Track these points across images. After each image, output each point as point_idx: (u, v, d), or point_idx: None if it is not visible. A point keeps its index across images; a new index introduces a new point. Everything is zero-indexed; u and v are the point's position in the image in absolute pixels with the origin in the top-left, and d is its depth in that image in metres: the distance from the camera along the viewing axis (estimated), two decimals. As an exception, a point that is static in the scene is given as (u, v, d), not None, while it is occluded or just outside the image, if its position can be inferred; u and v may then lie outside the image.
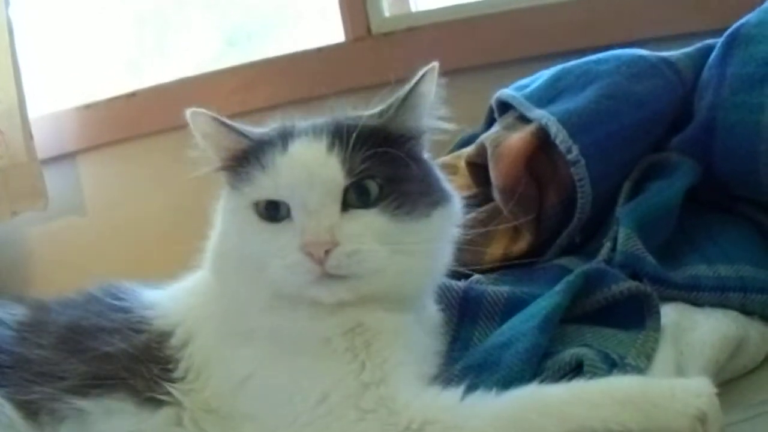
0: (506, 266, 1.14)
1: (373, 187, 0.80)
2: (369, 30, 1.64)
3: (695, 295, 0.96)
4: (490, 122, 1.34)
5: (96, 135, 1.73)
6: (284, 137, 0.83)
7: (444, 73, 1.57)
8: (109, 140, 1.73)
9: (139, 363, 0.83)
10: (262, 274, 0.81)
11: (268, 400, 0.80)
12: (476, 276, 1.06)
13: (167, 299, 0.91)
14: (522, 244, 1.15)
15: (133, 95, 1.74)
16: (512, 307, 0.97)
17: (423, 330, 0.88)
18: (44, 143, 1.68)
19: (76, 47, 1.90)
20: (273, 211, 0.81)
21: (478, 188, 1.23)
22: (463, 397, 0.76)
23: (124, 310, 0.89)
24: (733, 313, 0.94)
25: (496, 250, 1.15)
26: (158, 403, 0.82)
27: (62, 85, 1.85)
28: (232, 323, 0.85)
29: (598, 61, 1.17)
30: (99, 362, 0.83)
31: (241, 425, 0.81)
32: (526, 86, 1.22)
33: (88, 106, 1.75)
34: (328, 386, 0.77)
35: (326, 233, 0.77)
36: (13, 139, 1.64)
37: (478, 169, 1.22)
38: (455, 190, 0.90)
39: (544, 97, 1.16)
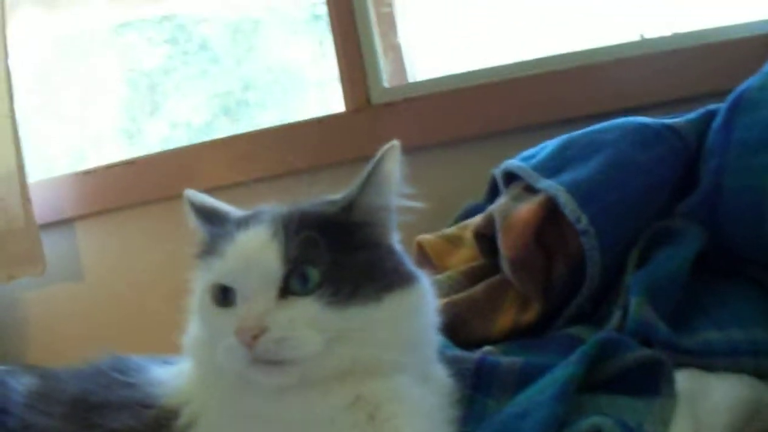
0: (515, 336, 1.14)
1: (313, 274, 0.80)
2: (369, 100, 1.66)
3: (708, 360, 0.96)
4: (492, 193, 1.35)
5: (94, 201, 1.73)
6: (239, 225, 0.85)
7: (443, 143, 1.61)
8: (107, 207, 1.73)
9: None
10: (213, 356, 0.81)
11: None
12: (487, 347, 1.06)
13: (174, 377, 0.90)
14: (531, 314, 1.14)
15: (132, 163, 1.74)
16: (526, 377, 0.96)
17: (433, 395, 0.87)
18: (42, 208, 1.68)
19: (75, 112, 1.91)
20: (223, 296, 0.82)
21: (485, 259, 1.23)
22: None
23: (131, 387, 0.88)
24: (747, 377, 0.94)
25: (505, 321, 1.15)
26: None
27: (61, 151, 1.85)
28: (230, 407, 0.84)
29: (602, 131, 1.19)
30: None
31: None
32: (531, 157, 1.23)
33: (87, 173, 1.75)
34: None
35: (255, 320, 0.78)
36: (11, 204, 1.63)
37: (485, 240, 1.22)
38: (423, 271, 0.90)
39: (551, 167, 1.17)
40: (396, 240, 0.90)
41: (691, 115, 1.19)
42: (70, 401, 0.87)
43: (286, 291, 0.80)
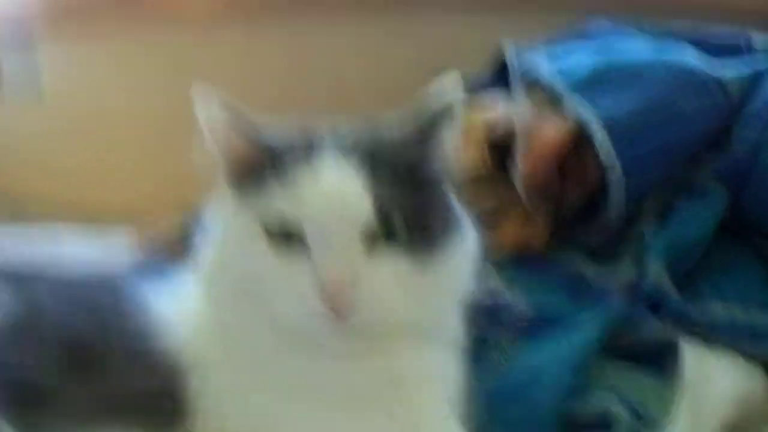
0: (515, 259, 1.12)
1: (399, 221, 0.69)
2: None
3: (711, 333, 1.01)
4: (499, 73, 1.26)
5: (64, 20, 1.55)
6: (309, 149, 0.71)
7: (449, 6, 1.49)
8: (77, 27, 1.55)
9: (155, 398, 0.73)
10: (264, 303, 0.71)
11: None
12: (495, 283, 1.04)
13: (181, 317, 0.78)
14: (535, 233, 1.13)
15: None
16: (536, 329, 0.98)
17: (453, 360, 0.80)
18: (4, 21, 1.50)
19: None
20: (285, 233, 0.69)
21: (495, 169, 1.18)
22: None
23: (134, 331, 0.76)
24: (743, 365, 0.99)
25: (508, 234, 1.12)
26: None
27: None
28: (243, 358, 0.75)
29: (648, 64, 1.12)
30: (109, 395, 0.73)
31: None
32: (561, 68, 1.14)
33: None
34: None
35: (349, 276, 0.67)
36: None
37: (497, 148, 1.16)
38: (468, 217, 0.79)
39: (586, 88, 1.09)
40: None
41: (743, 73, 1.12)
42: (62, 345, 0.74)
43: (369, 240, 0.68)
